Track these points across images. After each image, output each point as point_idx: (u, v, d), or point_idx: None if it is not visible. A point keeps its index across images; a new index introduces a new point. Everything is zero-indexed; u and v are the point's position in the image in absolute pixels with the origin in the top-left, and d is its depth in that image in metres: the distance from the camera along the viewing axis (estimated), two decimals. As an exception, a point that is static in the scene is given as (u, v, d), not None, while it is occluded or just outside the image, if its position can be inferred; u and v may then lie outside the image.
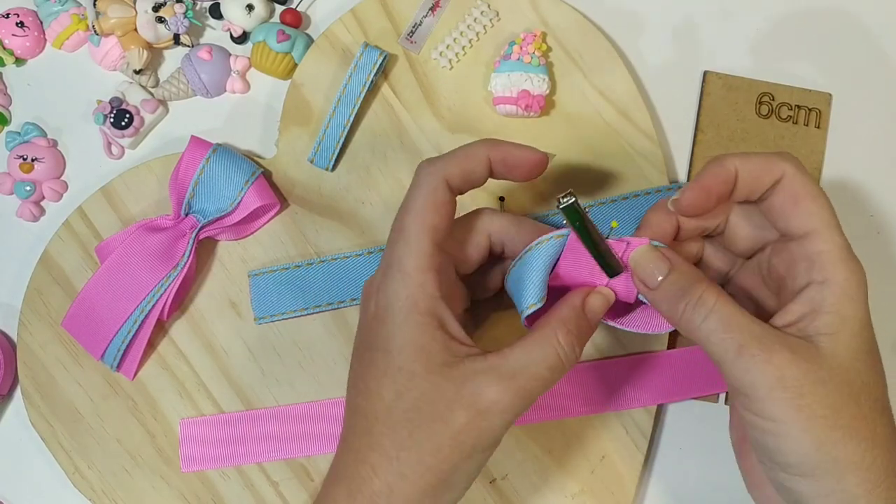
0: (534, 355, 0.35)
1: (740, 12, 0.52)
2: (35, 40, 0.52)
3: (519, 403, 0.35)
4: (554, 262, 0.38)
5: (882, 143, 0.51)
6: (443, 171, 0.37)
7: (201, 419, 0.47)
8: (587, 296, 0.38)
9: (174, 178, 0.46)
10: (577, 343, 0.36)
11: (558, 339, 0.36)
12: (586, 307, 0.38)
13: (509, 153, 0.38)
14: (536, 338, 0.36)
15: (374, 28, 0.49)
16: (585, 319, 0.37)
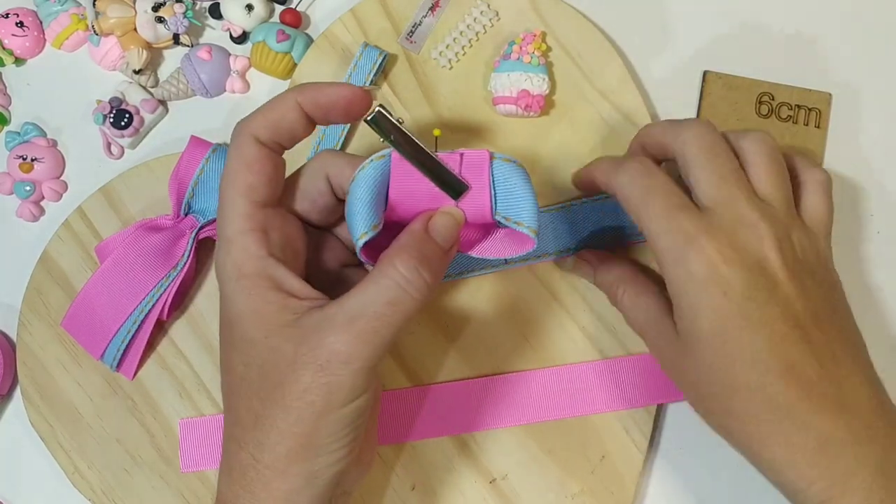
0: (370, 293, 0.33)
1: (740, 12, 0.52)
2: (35, 40, 0.52)
3: (364, 348, 0.32)
4: (384, 189, 0.35)
5: (882, 143, 0.51)
6: (248, 128, 0.35)
7: (201, 419, 0.47)
8: (430, 218, 0.35)
9: (174, 178, 0.46)
10: (422, 268, 0.33)
11: (396, 267, 0.33)
12: (431, 229, 0.35)
13: (320, 92, 0.35)
14: (373, 274, 0.33)
15: (373, 28, 0.49)
16: (432, 242, 0.34)
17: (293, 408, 0.33)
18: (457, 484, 0.47)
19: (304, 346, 0.33)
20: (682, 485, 0.49)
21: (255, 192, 0.35)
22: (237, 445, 0.34)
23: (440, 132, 0.36)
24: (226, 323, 0.35)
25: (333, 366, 0.32)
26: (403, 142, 0.33)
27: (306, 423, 0.33)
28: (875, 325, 0.49)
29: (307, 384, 0.33)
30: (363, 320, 0.32)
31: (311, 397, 0.33)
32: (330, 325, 0.33)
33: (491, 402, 0.47)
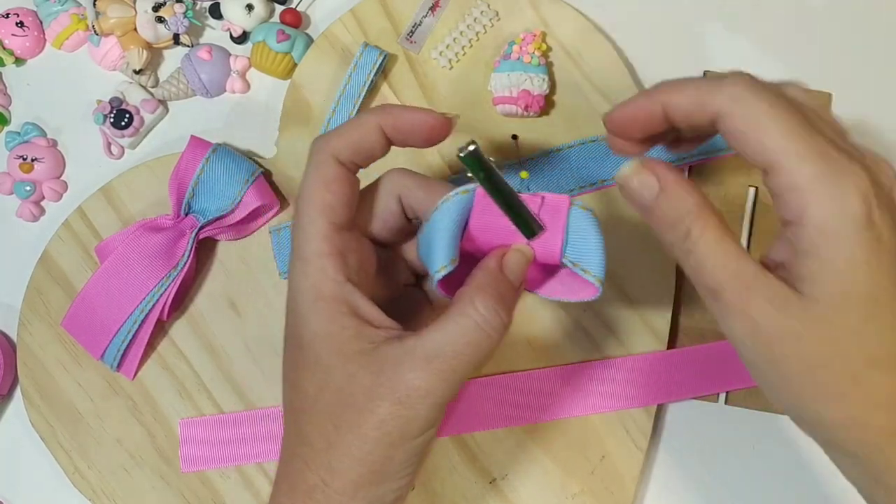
0: (450, 332, 0.32)
1: (740, 12, 0.52)
2: (35, 40, 0.52)
3: (442, 385, 0.32)
4: (464, 222, 0.35)
5: (882, 143, 0.51)
6: (329, 147, 0.35)
7: (201, 419, 0.47)
8: (503, 255, 0.35)
9: (174, 178, 0.46)
10: (499, 307, 0.33)
11: (476, 307, 0.32)
12: (504, 267, 0.34)
13: (401, 118, 0.35)
14: (453, 312, 0.33)
15: (373, 28, 0.49)
16: (506, 281, 0.34)
17: (370, 437, 0.33)
18: (457, 484, 0.47)
19: (382, 377, 0.33)
20: (682, 485, 0.49)
21: (334, 212, 0.34)
22: (304, 464, 0.34)
23: (527, 175, 0.36)
24: (295, 342, 0.35)
25: (412, 400, 0.33)
26: (492, 180, 0.34)
27: (380, 453, 0.33)
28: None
29: (384, 416, 0.33)
30: (443, 359, 0.32)
31: (388, 428, 0.33)
32: (410, 359, 0.32)
33: (491, 402, 0.47)
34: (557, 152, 0.48)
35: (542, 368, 0.47)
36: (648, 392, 0.47)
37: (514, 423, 0.47)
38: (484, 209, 0.35)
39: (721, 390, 0.48)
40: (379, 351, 0.33)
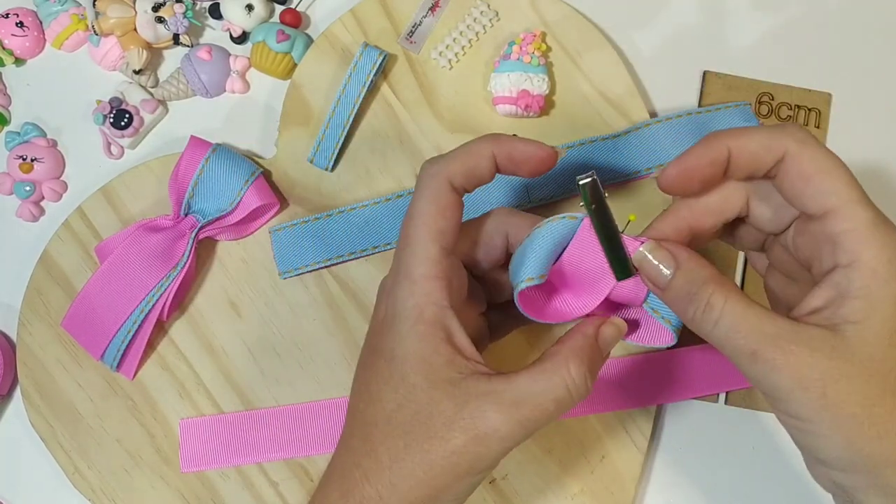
0: (541, 385, 0.34)
1: (740, 12, 0.52)
2: (35, 40, 0.52)
3: (520, 432, 0.34)
4: (562, 247, 0.35)
5: (882, 143, 0.51)
6: (445, 172, 0.36)
7: (201, 419, 0.47)
8: (601, 326, 0.36)
9: (174, 178, 0.46)
10: (588, 375, 0.34)
11: (569, 369, 0.34)
12: (599, 337, 0.36)
13: (514, 149, 0.36)
14: (547, 367, 0.34)
15: (373, 28, 0.49)
16: (598, 350, 0.36)
17: (437, 464, 0.34)
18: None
19: (465, 410, 0.33)
20: (682, 485, 0.49)
21: (444, 237, 0.35)
22: (363, 475, 0.35)
23: (635, 217, 0.36)
24: (385, 356, 0.35)
25: (489, 440, 0.33)
26: (601, 213, 0.34)
27: (443, 481, 0.34)
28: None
29: (457, 447, 0.33)
30: (528, 408, 0.33)
31: (458, 460, 0.33)
32: (497, 401, 0.33)
33: (491, 403, 0.47)
34: None
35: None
36: (648, 392, 0.47)
37: (514, 423, 0.47)
38: (583, 242, 0.35)
39: (721, 390, 0.48)
40: (466, 383, 0.34)
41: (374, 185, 0.49)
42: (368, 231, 0.47)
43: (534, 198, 0.48)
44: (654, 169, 0.48)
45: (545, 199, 0.48)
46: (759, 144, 0.32)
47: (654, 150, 0.48)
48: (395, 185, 0.48)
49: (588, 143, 0.48)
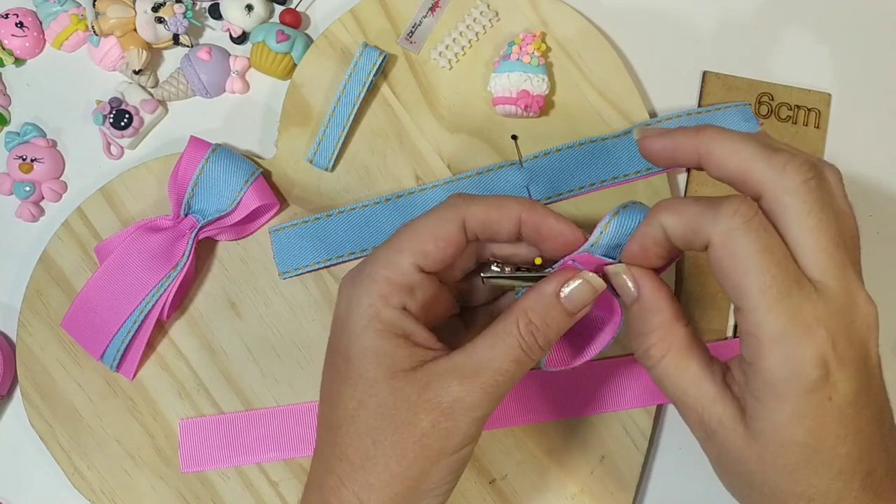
0: (498, 349, 0.33)
1: (740, 12, 0.52)
2: (34, 40, 0.52)
3: (485, 399, 0.33)
4: None
5: (881, 142, 0.51)
6: (465, 210, 0.35)
7: (201, 419, 0.47)
8: (565, 281, 0.34)
9: (173, 179, 0.46)
10: (539, 335, 0.34)
11: (518, 329, 0.34)
12: (564, 295, 0.34)
13: (545, 223, 0.35)
14: (498, 330, 0.34)
15: (373, 28, 0.49)
16: (558, 308, 0.34)
17: (409, 452, 0.33)
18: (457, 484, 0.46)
19: (428, 391, 0.33)
20: (682, 485, 0.49)
21: (424, 259, 0.35)
22: (338, 481, 0.34)
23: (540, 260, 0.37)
24: (342, 356, 0.35)
25: (455, 413, 0.33)
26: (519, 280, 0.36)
27: (419, 468, 0.33)
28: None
29: (426, 428, 0.33)
30: (489, 374, 0.33)
31: (428, 441, 0.33)
32: (457, 373, 0.33)
33: (491, 403, 0.47)
34: (557, 152, 0.48)
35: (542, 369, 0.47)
36: (648, 392, 0.47)
37: (514, 423, 0.47)
38: None
39: (721, 390, 0.48)
40: (427, 367, 0.34)
41: (374, 185, 0.49)
42: (368, 231, 0.47)
43: (534, 198, 0.48)
44: (653, 169, 0.48)
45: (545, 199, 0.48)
46: (685, 229, 0.32)
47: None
48: (395, 186, 0.48)
49: (588, 143, 0.48)
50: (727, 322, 0.49)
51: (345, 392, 0.35)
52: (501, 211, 0.35)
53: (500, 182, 0.48)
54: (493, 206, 0.35)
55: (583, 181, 0.48)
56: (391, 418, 0.33)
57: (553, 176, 0.48)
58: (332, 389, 0.35)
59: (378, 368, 0.34)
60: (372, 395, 0.34)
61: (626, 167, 0.48)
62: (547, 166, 0.48)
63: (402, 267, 0.35)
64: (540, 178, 0.48)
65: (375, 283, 0.34)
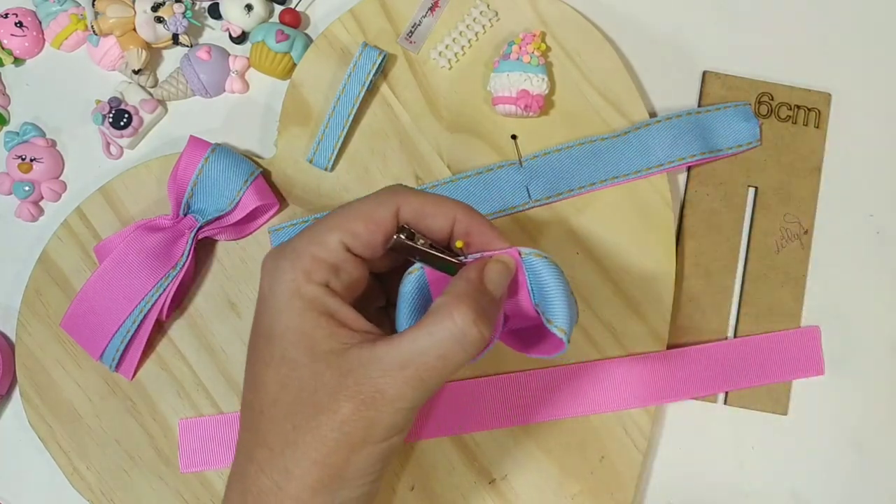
0: (424, 342, 0.32)
1: (740, 12, 0.52)
2: (34, 40, 0.52)
3: (411, 394, 0.32)
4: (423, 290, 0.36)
5: (882, 142, 0.51)
6: (400, 197, 0.35)
7: (200, 419, 0.47)
8: (485, 266, 0.34)
9: (173, 178, 0.46)
10: (481, 321, 0.32)
11: (454, 319, 0.32)
12: (485, 278, 0.34)
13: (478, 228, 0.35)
14: (429, 321, 0.32)
15: (373, 28, 0.49)
16: (487, 294, 0.34)
17: (329, 438, 0.32)
18: (456, 484, 0.46)
19: (349, 378, 0.32)
20: (682, 485, 0.48)
21: (353, 239, 0.34)
22: (258, 468, 0.33)
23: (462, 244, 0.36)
24: (264, 336, 0.34)
25: (377, 403, 0.32)
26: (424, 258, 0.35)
27: (339, 456, 0.32)
28: (874, 325, 0.49)
29: (346, 416, 0.32)
30: (413, 369, 0.32)
31: (349, 429, 0.32)
32: (379, 365, 0.32)
33: (491, 403, 0.47)
34: (557, 152, 0.48)
35: (542, 368, 0.47)
36: (648, 392, 0.47)
37: (513, 423, 0.47)
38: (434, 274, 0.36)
39: (721, 390, 0.48)
40: (350, 352, 0.33)
41: (373, 185, 0.48)
42: None
43: (534, 198, 0.48)
44: (653, 169, 0.48)
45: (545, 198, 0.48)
46: None
47: (654, 150, 0.48)
48: (395, 185, 0.48)
49: (588, 143, 0.48)
50: (727, 322, 0.49)
51: (267, 375, 0.34)
52: (437, 207, 0.35)
53: (500, 182, 0.48)
54: (430, 200, 0.35)
55: (583, 181, 0.48)
56: (311, 403, 0.32)
57: (553, 176, 0.48)
58: (255, 372, 0.34)
59: (299, 348, 0.33)
60: (293, 378, 0.33)
61: (626, 167, 0.48)
62: (546, 166, 0.48)
63: (329, 244, 0.34)
64: (539, 178, 0.48)
65: (300, 258, 0.34)
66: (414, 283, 0.36)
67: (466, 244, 0.36)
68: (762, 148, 0.49)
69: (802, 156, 0.49)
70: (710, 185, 0.49)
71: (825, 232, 0.50)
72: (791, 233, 0.49)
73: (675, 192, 0.50)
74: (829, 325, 0.49)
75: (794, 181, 0.49)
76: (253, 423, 0.34)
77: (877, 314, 0.50)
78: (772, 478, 0.48)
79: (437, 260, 0.35)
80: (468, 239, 0.36)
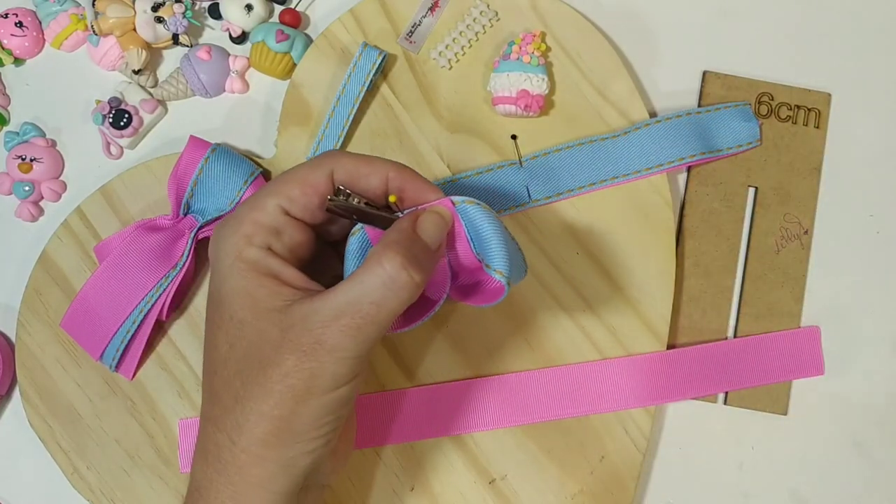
0: (356, 290, 0.33)
1: (740, 12, 0.52)
2: (34, 40, 0.52)
3: (350, 343, 0.33)
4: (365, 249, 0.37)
5: (881, 142, 0.51)
6: (334, 160, 0.36)
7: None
8: (418, 216, 0.36)
9: (173, 178, 0.46)
10: (410, 266, 0.33)
11: (383, 266, 0.33)
12: (419, 228, 0.35)
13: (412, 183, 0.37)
14: (361, 270, 0.34)
15: (373, 28, 0.49)
16: (419, 241, 0.35)
17: (275, 391, 0.33)
18: (456, 485, 0.46)
19: (291, 332, 0.33)
20: (682, 485, 0.48)
21: (290, 203, 0.36)
22: (214, 427, 0.35)
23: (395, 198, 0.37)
24: (214, 301, 0.36)
25: (318, 353, 0.33)
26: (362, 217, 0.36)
27: (286, 407, 0.33)
28: (874, 326, 0.49)
29: (290, 368, 0.33)
30: (349, 317, 0.33)
31: (293, 381, 0.33)
32: (317, 316, 0.33)
33: (491, 403, 0.47)
34: (557, 152, 0.48)
35: (542, 368, 0.47)
36: (648, 392, 0.47)
37: (513, 423, 0.47)
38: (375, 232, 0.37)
39: (721, 390, 0.48)
40: (291, 308, 0.34)
41: (373, 185, 0.48)
42: None
43: (534, 198, 0.48)
44: (653, 169, 0.48)
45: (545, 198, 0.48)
46: None
47: (654, 150, 0.48)
48: (395, 185, 0.48)
49: (588, 143, 0.48)
50: (727, 322, 0.49)
51: (218, 337, 0.35)
52: (370, 166, 0.36)
53: (500, 182, 0.48)
54: (362, 160, 0.36)
55: (583, 181, 0.48)
56: (258, 359, 0.34)
57: (553, 176, 0.48)
58: (209, 336, 0.36)
59: (244, 309, 0.34)
60: (241, 338, 0.34)
61: (626, 167, 0.48)
62: (546, 166, 0.48)
63: (267, 208, 0.35)
64: (539, 178, 0.48)
65: (241, 224, 0.35)
66: (356, 243, 0.37)
67: (400, 199, 0.37)
68: (762, 148, 0.49)
69: (802, 156, 0.49)
70: (710, 185, 0.49)
71: (825, 232, 0.50)
72: (791, 233, 0.49)
73: (675, 192, 0.50)
74: (829, 325, 0.49)
75: (794, 181, 0.49)
76: (208, 384, 0.36)
77: (877, 314, 0.50)
78: (772, 478, 0.48)
79: (375, 217, 0.36)
80: (402, 194, 0.37)
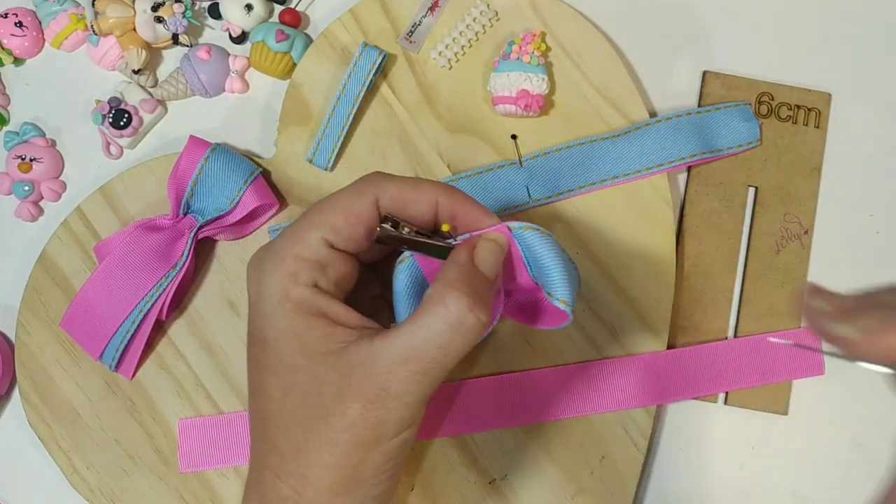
0: (422, 335, 0.31)
1: (740, 12, 0.52)
2: (33, 40, 0.52)
3: (415, 388, 0.31)
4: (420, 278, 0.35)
5: (881, 142, 0.51)
6: (378, 187, 0.34)
7: (200, 419, 0.47)
8: (474, 248, 0.33)
9: (173, 178, 0.46)
10: (476, 307, 0.31)
11: (448, 308, 0.31)
12: (476, 259, 0.33)
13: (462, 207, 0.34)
14: (425, 311, 0.31)
15: (373, 28, 0.49)
16: (480, 276, 0.33)
17: (340, 441, 0.32)
18: (456, 485, 0.46)
19: (352, 377, 0.31)
20: (682, 485, 0.48)
21: (335, 234, 0.33)
22: (274, 476, 0.33)
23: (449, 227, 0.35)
24: (258, 342, 0.33)
25: (384, 400, 0.31)
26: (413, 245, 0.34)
27: (353, 457, 0.32)
28: (875, 326, 0.49)
29: (355, 416, 0.31)
30: (415, 363, 0.31)
31: (359, 430, 0.32)
32: (380, 361, 0.31)
33: (491, 403, 0.47)
34: (557, 152, 0.48)
35: (542, 368, 0.47)
36: (648, 392, 0.47)
37: (513, 423, 0.47)
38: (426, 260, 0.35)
39: (721, 390, 0.48)
40: (348, 351, 0.32)
41: (373, 184, 0.48)
42: None
43: (534, 198, 0.48)
44: (653, 169, 0.48)
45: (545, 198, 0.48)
46: None
47: (654, 150, 0.48)
48: (395, 185, 0.48)
49: (588, 143, 0.48)
50: (727, 322, 0.49)
51: (268, 381, 0.33)
52: (417, 192, 0.34)
53: (500, 182, 0.48)
54: (408, 185, 0.34)
55: (583, 181, 0.48)
56: (318, 407, 0.32)
57: (553, 175, 0.48)
58: (256, 379, 0.34)
59: (294, 352, 0.32)
60: (295, 383, 0.32)
61: (626, 167, 0.48)
62: (546, 166, 0.48)
63: (310, 242, 0.33)
64: (539, 178, 0.48)
65: (283, 260, 0.33)
66: (406, 271, 0.35)
67: (453, 226, 0.35)
68: (762, 148, 0.49)
69: (802, 156, 0.49)
70: (710, 185, 0.49)
71: (825, 232, 0.50)
72: (791, 233, 0.49)
73: (675, 192, 0.50)
74: (829, 325, 0.49)
75: (794, 181, 0.49)
76: (262, 430, 0.34)
77: (877, 314, 0.50)
78: (772, 478, 0.48)
79: (426, 246, 0.34)
80: (454, 221, 0.35)
